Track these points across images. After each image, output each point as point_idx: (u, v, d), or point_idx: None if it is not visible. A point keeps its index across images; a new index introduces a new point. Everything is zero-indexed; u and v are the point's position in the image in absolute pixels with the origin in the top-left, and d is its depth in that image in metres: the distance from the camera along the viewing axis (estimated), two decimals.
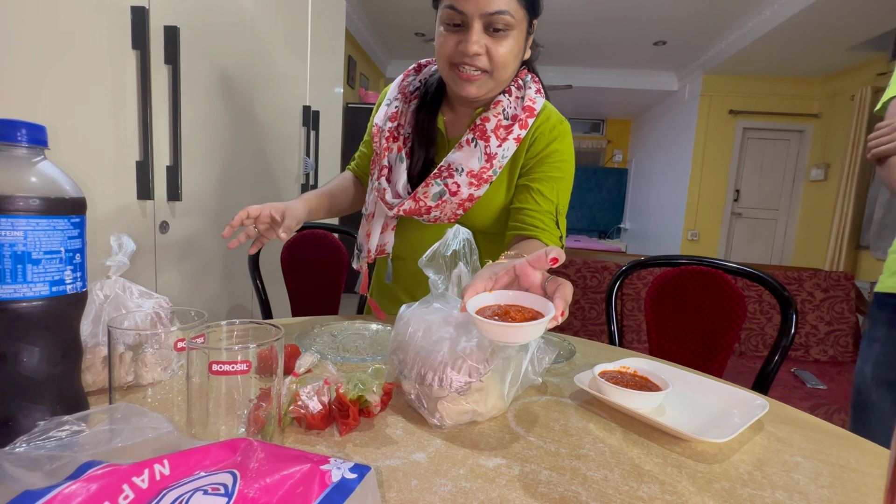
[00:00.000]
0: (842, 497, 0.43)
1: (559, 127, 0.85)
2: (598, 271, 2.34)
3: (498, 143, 0.82)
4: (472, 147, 0.82)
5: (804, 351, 2.33)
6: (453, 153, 0.83)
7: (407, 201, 0.84)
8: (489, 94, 0.82)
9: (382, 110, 0.92)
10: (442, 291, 0.59)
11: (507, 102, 0.84)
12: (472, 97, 0.82)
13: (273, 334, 0.44)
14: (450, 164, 0.83)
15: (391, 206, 0.86)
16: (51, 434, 0.34)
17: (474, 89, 0.79)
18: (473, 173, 0.82)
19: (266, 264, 1.36)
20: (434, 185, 0.83)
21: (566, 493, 0.41)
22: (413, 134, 0.89)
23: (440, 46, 0.79)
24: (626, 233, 7.10)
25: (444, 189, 0.83)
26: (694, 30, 4.01)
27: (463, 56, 0.76)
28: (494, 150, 0.82)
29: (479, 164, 0.82)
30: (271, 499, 0.28)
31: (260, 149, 1.65)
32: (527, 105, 0.84)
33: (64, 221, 0.41)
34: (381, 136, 0.89)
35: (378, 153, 0.90)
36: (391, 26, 4.47)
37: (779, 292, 1.00)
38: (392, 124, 0.89)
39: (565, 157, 0.85)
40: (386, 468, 0.43)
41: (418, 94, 0.91)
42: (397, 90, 0.93)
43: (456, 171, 0.82)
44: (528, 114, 0.84)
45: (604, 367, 0.63)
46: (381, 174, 0.89)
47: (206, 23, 1.30)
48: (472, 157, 0.82)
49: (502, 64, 0.77)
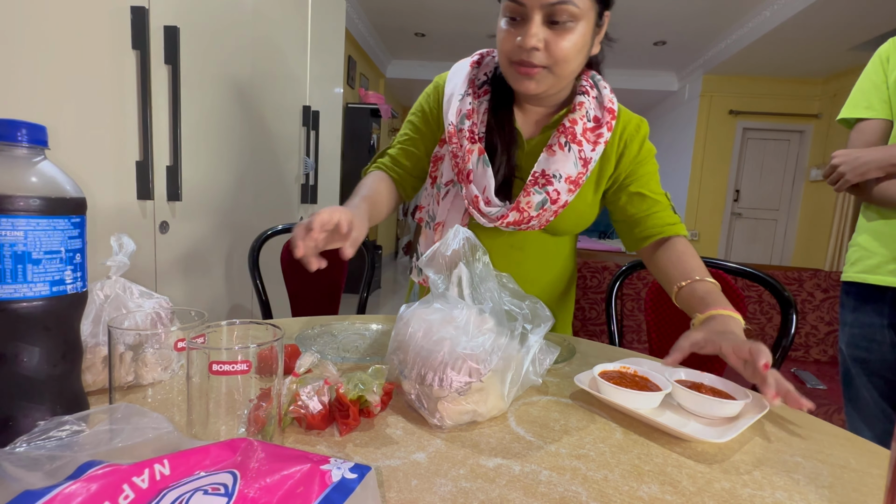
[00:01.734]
0: (842, 497, 0.43)
1: (643, 127, 0.86)
2: (598, 271, 2.34)
3: (591, 147, 0.80)
4: (566, 152, 0.79)
5: (804, 351, 2.33)
6: (546, 158, 0.80)
7: (511, 212, 0.79)
8: (549, 90, 0.77)
9: (454, 106, 0.82)
10: (442, 291, 0.59)
11: (588, 103, 0.81)
12: (531, 94, 0.77)
13: (273, 334, 0.44)
14: (543, 171, 0.79)
15: (488, 215, 0.81)
16: (51, 434, 0.34)
17: (533, 85, 0.74)
18: (571, 179, 0.79)
19: (266, 264, 1.36)
20: (535, 193, 0.79)
21: (566, 493, 0.41)
22: (492, 135, 0.82)
23: (500, 42, 0.75)
24: None
25: (546, 198, 0.79)
26: (694, 30, 4.01)
27: (521, 52, 0.72)
28: (588, 155, 0.80)
29: (577, 170, 0.79)
30: (271, 499, 0.28)
31: (260, 149, 1.65)
32: (607, 106, 0.82)
33: (64, 221, 0.41)
34: (460, 136, 0.81)
35: (460, 156, 0.81)
36: (391, 26, 4.47)
37: (779, 292, 1.00)
38: (468, 123, 0.81)
39: (653, 151, 0.88)
40: (386, 468, 0.43)
41: (487, 90, 0.84)
42: (466, 84, 0.83)
43: (554, 178, 0.79)
44: (611, 116, 0.82)
45: (604, 368, 0.63)
46: (467, 180, 0.81)
47: (206, 23, 1.30)
48: (567, 163, 0.79)
49: (563, 59, 0.72)
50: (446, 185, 0.87)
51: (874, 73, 1.05)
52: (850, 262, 1.07)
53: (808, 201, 4.64)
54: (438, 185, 0.88)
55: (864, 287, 1.03)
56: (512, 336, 0.54)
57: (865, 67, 1.07)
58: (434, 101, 0.89)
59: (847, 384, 1.08)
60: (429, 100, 0.90)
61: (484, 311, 0.56)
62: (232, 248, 1.52)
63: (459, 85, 0.83)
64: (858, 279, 1.04)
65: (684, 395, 0.56)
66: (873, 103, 1.05)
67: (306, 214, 2.02)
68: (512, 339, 0.54)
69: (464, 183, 0.82)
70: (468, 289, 0.59)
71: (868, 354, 1.02)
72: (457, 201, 0.87)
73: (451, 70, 0.88)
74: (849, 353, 1.06)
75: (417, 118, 0.91)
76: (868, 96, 1.05)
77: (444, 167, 0.87)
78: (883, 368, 1.00)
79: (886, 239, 0.99)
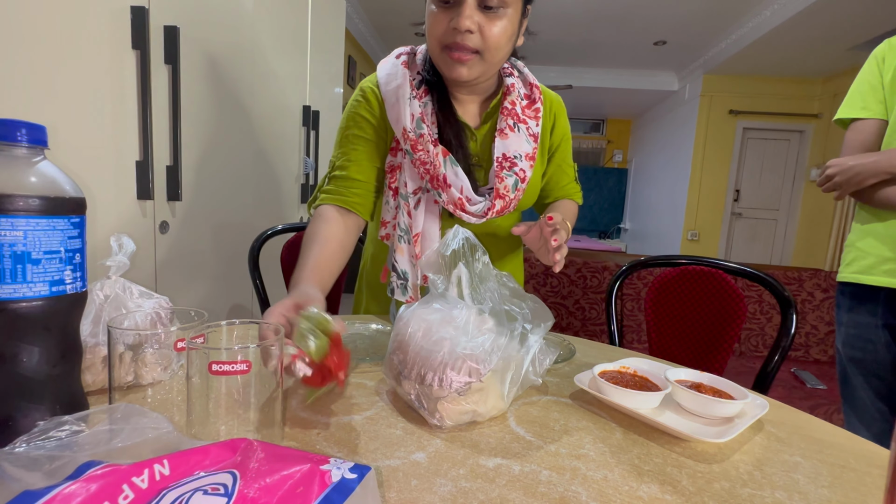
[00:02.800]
0: (841, 497, 0.43)
1: (557, 99, 0.94)
2: (598, 271, 2.34)
3: (535, 122, 0.86)
4: (516, 132, 0.83)
5: (804, 351, 2.33)
6: (501, 142, 0.82)
7: (496, 201, 0.81)
8: (480, 78, 0.78)
9: (405, 111, 0.79)
10: (442, 291, 0.59)
11: (516, 83, 0.87)
12: (463, 80, 0.77)
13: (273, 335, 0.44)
14: (504, 154, 0.82)
15: (475, 213, 0.81)
16: (50, 434, 0.34)
17: (465, 71, 0.75)
18: (529, 156, 0.84)
19: (266, 264, 1.36)
20: (507, 176, 0.82)
21: (566, 493, 0.41)
22: (444, 132, 0.81)
23: (431, 26, 0.74)
24: (626, 233, 7.10)
25: (516, 179, 0.82)
26: (694, 30, 4.01)
27: (455, 35, 0.72)
28: (535, 131, 0.85)
29: (531, 146, 0.84)
30: (271, 499, 0.28)
31: (260, 149, 1.65)
32: (532, 82, 0.88)
33: (64, 221, 0.41)
34: (424, 142, 0.78)
35: (429, 163, 0.79)
36: (391, 26, 4.47)
37: (779, 292, 1.00)
38: (425, 127, 0.79)
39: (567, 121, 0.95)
40: (386, 468, 0.43)
41: (427, 89, 0.82)
42: (408, 86, 0.80)
43: (517, 159, 0.83)
44: (538, 91, 0.88)
45: (604, 367, 0.63)
46: (445, 185, 0.79)
47: (206, 23, 1.30)
48: (521, 141, 0.83)
49: (495, 45, 0.73)
50: (414, 193, 0.83)
51: (870, 74, 1.06)
52: (845, 262, 1.09)
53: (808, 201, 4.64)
54: (404, 195, 0.83)
55: (858, 287, 1.04)
56: (511, 336, 0.54)
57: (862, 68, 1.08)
58: (375, 107, 0.84)
59: (844, 384, 1.09)
60: (367, 108, 0.84)
61: (483, 311, 0.56)
62: (232, 248, 1.52)
63: (403, 87, 0.80)
64: (853, 279, 1.05)
65: (684, 394, 0.56)
66: (869, 104, 1.06)
67: (306, 214, 2.02)
68: (512, 340, 0.54)
69: (442, 188, 0.80)
70: (468, 289, 0.58)
71: (863, 354, 1.03)
72: (429, 207, 0.84)
73: (379, 74, 0.84)
74: (845, 353, 1.07)
75: (360, 130, 0.84)
76: (864, 97, 1.06)
77: (404, 176, 0.83)
78: (878, 368, 1.01)
79: (881, 239, 1.00)
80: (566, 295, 2.35)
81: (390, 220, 0.87)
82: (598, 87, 5.26)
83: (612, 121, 7.19)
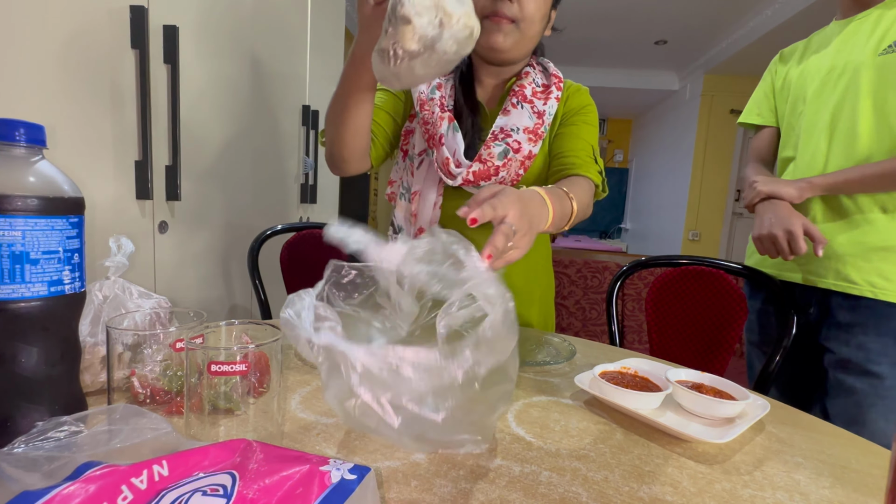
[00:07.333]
0: (842, 497, 0.43)
1: (584, 89, 0.94)
2: (598, 271, 2.34)
3: (543, 102, 0.87)
4: (519, 109, 0.86)
5: None
6: (502, 118, 0.86)
7: (474, 163, 0.84)
8: (512, 49, 0.83)
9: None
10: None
11: (534, 74, 0.90)
12: (498, 48, 0.82)
13: (273, 335, 0.44)
14: (502, 128, 0.85)
15: (455, 175, 0.85)
16: (49, 435, 0.34)
17: (501, 38, 0.80)
18: (529, 129, 0.86)
19: (265, 264, 1.36)
20: (495, 145, 0.84)
21: (566, 493, 0.40)
22: (459, 105, 0.89)
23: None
24: (626, 233, 7.10)
25: (507, 148, 0.84)
26: (695, 29, 4.00)
27: (494, 4, 0.77)
28: (541, 108, 0.87)
29: (533, 122, 0.86)
30: (270, 500, 0.28)
31: (259, 148, 1.65)
32: (553, 73, 0.91)
33: (62, 221, 0.41)
34: (432, 104, 0.87)
35: (431, 123, 0.87)
36: None
37: (779, 292, 1.00)
38: (438, 94, 0.88)
39: (593, 111, 0.92)
40: (386, 468, 0.43)
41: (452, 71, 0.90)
42: None
43: (513, 131, 0.85)
44: (558, 80, 0.91)
45: (604, 368, 0.63)
46: (438, 143, 0.86)
47: (206, 22, 1.30)
48: (522, 117, 0.86)
49: (531, 17, 0.79)
50: (419, 154, 0.91)
51: (764, 82, 1.12)
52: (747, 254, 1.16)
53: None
54: (411, 156, 0.92)
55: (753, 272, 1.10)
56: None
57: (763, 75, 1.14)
58: None
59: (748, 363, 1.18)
60: None
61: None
62: (231, 248, 1.52)
63: None
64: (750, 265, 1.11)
65: (685, 395, 0.56)
66: (763, 111, 1.12)
67: (306, 214, 2.02)
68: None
69: (435, 147, 0.86)
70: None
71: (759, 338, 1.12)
72: (430, 170, 0.91)
73: None
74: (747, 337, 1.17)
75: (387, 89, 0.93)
76: (759, 104, 1.13)
77: (415, 139, 0.92)
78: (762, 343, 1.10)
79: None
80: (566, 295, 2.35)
81: (397, 179, 0.96)
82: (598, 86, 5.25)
83: (612, 120, 7.18)
